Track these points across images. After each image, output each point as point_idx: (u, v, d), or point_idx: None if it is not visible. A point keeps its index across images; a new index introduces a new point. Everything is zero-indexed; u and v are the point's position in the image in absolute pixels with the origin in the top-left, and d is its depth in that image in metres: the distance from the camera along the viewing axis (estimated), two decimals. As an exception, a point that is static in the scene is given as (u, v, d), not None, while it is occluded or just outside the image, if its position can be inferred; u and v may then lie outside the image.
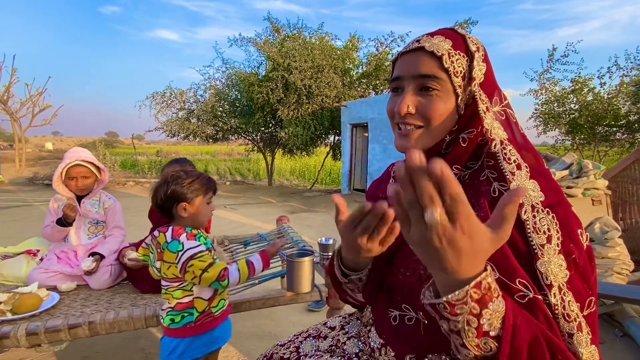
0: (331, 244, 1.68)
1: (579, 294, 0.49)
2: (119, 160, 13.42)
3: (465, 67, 0.58)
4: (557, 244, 0.49)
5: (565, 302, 0.48)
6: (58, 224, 1.66)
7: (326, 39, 9.57)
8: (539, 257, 0.50)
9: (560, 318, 0.48)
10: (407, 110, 0.59)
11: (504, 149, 0.57)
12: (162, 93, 10.25)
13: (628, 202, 3.21)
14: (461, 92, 0.58)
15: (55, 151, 21.70)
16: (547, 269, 0.49)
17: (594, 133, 8.02)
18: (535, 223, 0.51)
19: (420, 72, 0.58)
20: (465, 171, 0.63)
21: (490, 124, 0.58)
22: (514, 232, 0.50)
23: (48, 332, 1.18)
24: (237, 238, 2.38)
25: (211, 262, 1.11)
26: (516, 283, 0.49)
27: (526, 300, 0.48)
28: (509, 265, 0.49)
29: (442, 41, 0.58)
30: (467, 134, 0.60)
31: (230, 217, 5.55)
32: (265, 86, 8.61)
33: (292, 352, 0.80)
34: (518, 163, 0.56)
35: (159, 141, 46.24)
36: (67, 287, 1.55)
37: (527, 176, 0.55)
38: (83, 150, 1.77)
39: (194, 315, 1.15)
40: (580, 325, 0.48)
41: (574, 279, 0.49)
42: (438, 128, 0.60)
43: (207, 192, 1.19)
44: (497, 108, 0.61)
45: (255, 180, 13.54)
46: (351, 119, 8.51)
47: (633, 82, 7.46)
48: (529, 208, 0.52)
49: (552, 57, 8.01)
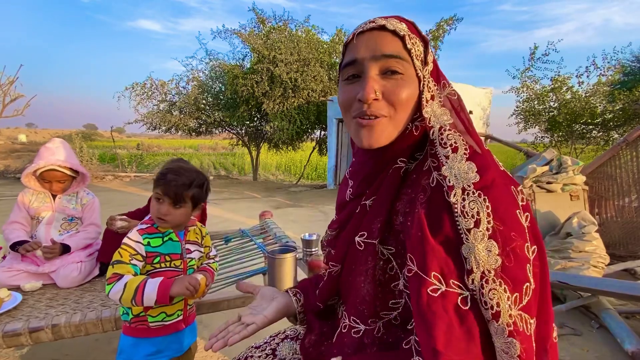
0: (315, 239, 1.64)
1: (515, 281, 0.46)
2: (97, 153, 12.95)
3: (422, 52, 0.56)
4: (487, 228, 0.46)
5: (485, 290, 0.46)
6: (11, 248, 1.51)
7: (312, 32, 9.45)
8: (463, 242, 0.47)
9: (481, 306, 0.47)
10: (375, 96, 0.54)
11: (441, 135, 0.54)
12: (143, 84, 9.90)
13: (604, 198, 3.31)
14: (422, 76, 0.56)
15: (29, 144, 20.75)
16: (471, 254, 0.46)
17: (571, 131, 8.26)
18: (464, 207, 0.48)
19: (384, 51, 0.54)
20: (412, 163, 0.60)
21: (431, 112, 0.56)
22: (444, 217, 0.49)
23: (7, 337, 1.09)
24: (218, 234, 2.31)
25: (120, 260, 1.00)
26: (430, 277, 0.48)
27: (439, 294, 0.47)
28: (424, 258, 0.48)
29: (399, 23, 0.56)
30: (420, 121, 0.58)
31: (213, 212, 5.43)
32: (250, 79, 8.44)
33: (268, 355, 0.75)
34: (454, 147, 0.53)
35: (140, 134, 45.03)
36: (31, 286, 1.45)
37: (464, 158, 0.52)
38: (61, 148, 1.63)
39: (129, 316, 1.09)
40: (497, 314, 0.45)
41: (508, 266, 0.46)
42: (403, 115, 0.56)
43: (155, 188, 1.07)
44: (446, 91, 0.59)
45: (239, 175, 13.36)
46: (337, 114, 8.46)
47: (609, 81, 7.72)
48: (459, 191, 0.49)
49: (533, 56, 8.18)
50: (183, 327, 1.16)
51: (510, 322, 0.45)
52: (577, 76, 7.96)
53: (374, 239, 0.59)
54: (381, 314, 0.60)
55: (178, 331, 1.14)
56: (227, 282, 1.57)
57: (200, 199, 1.12)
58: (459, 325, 0.47)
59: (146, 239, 1.06)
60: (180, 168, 1.09)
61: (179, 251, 1.12)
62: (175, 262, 1.11)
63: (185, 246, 1.14)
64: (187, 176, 1.08)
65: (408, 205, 0.57)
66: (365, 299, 0.61)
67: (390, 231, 0.59)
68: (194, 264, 1.18)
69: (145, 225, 1.09)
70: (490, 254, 0.46)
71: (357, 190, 0.65)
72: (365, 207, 0.62)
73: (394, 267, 0.59)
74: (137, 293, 0.97)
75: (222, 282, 1.56)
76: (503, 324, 0.45)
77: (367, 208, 0.62)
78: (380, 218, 0.59)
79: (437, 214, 0.50)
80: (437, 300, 0.47)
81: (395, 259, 0.59)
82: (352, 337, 0.62)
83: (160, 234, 1.10)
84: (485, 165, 0.51)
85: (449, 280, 0.48)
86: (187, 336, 1.19)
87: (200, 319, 2.09)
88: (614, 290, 1.93)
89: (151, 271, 1.08)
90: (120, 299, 0.97)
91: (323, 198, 7.22)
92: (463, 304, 0.47)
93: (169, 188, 1.04)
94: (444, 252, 0.48)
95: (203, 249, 1.22)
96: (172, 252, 1.10)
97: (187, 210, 1.10)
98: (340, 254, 0.66)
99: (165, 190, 1.05)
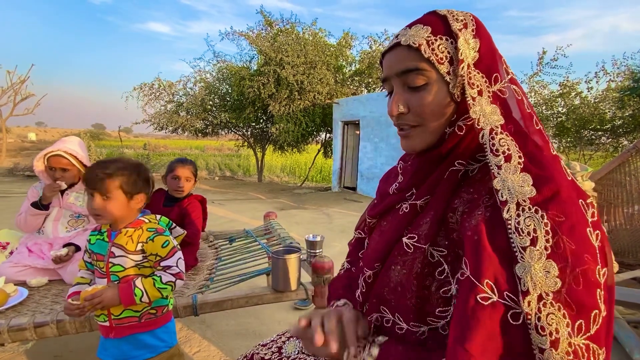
0: (319, 240, 1.63)
1: (581, 308, 0.42)
2: (105, 152, 13.11)
3: (451, 50, 0.53)
4: (546, 247, 0.43)
5: (542, 314, 0.42)
6: (33, 206, 1.57)
7: (320, 35, 9.49)
8: (518, 261, 0.44)
9: (532, 329, 0.42)
10: (399, 110, 0.57)
11: (492, 139, 0.50)
12: (151, 84, 10.02)
13: (613, 205, 3.26)
14: (451, 77, 0.54)
15: (39, 142, 21.08)
16: (527, 274, 0.43)
17: (580, 137, 8.18)
18: (518, 223, 0.45)
19: (401, 68, 0.56)
20: (474, 165, 0.56)
21: (480, 111, 0.51)
22: (500, 230, 0.46)
23: (12, 331, 1.10)
24: (223, 234, 2.32)
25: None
26: (483, 284, 0.44)
27: (489, 303, 0.44)
28: (479, 265, 0.45)
29: (420, 30, 0.54)
30: (464, 121, 0.55)
31: (218, 213, 5.45)
32: (256, 80, 8.49)
33: (273, 353, 0.76)
34: (508, 154, 0.49)
35: (147, 134, 45.45)
36: (37, 282, 1.46)
37: (518, 169, 0.48)
38: (72, 141, 1.67)
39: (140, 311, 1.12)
40: (556, 342, 0.41)
41: (575, 290, 0.42)
42: (434, 122, 0.56)
43: None
44: (498, 86, 0.54)
45: (244, 176, 13.41)
46: (343, 117, 8.47)
47: (618, 87, 7.63)
48: (514, 206, 0.45)
49: (542, 61, 8.13)
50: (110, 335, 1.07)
51: (570, 350, 0.41)
52: (586, 82, 7.90)
53: (425, 242, 0.56)
54: (428, 319, 0.56)
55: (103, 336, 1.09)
56: (230, 282, 1.57)
57: (134, 188, 1.06)
58: (500, 337, 0.43)
59: (90, 236, 1.09)
60: (108, 160, 1.07)
61: (105, 253, 1.05)
62: (99, 263, 1.06)
63: (111, 249, 1.05)
64: (111, 166, 1.03)
65: (467, 204, 0.54)
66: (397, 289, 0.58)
67: (443, 230, 0.56)
68: (119, 270, 1.04)
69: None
70: (548, 275, 0.42)
71: (403, 186, 0.64)
72: (416, 207, 0.60)
73: (445, 270, 0.54)
74: None
75: (225, 282, 1.56)
76: (562, 352, 0.41)
77: (418, 208, 0.60)
78: (433, 217, 0.56)
79: (497, 222, 0.47)
80: (486, 308, 0.44)
81: (446, 261, 0.54)
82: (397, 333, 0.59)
83: (98, 232, 1.10)
84: (545, 176, 0.47)
85: (503, 291, 0.44)
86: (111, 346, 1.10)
87: (203, 319, 2.10)
88: (623, 298, 1.89)
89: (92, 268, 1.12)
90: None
91: (327, 201, 7.21)
92: (513, 319, 0.44)
93: (92, 180, 1.01)
94: (500, 262, 0.45)
95: (135, 256, 1.05)
96: (98, 252, 1.06)
97: (118, 203, 1.03)
98: (382, 252, 0.62)
99: (90, 184, 1.01)
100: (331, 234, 4.25)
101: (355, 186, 8.47)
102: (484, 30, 0.56)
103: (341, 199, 7.35)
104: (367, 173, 7.76)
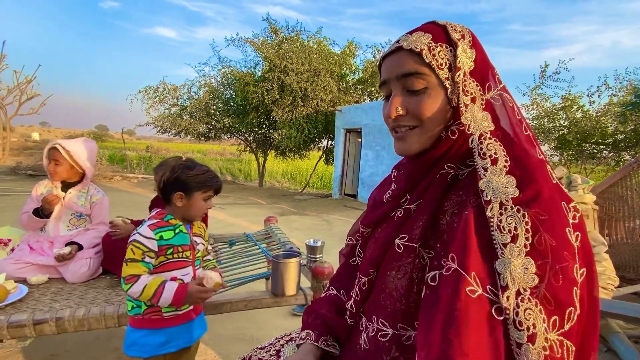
0: (319, 245, 1.64)
1: (558, 304, 0.43)
2: (107, 154, 13.16)
3: (450, 58, 0.56)
4: (525, 244, 0.44)
5: (520, 309, 0.43)
6: (34, 214, 1.59)
7: (324, 43, 9.60)
8: (498, 257, 0.46)
9: (511, 324, 0.44)
10: (397, 113, 0.59)
11: (480, 144, 0.53)
12: (155, 88, 10.10)
13: (614, 219, 3.25)
14: (450, 83, 0.56)
15: (42, 142, 21.16)
16: (506, 269, 0.44)
17: (581, 150, 8.18)
18: (500, 221, 0.47)
19: (402, 71, 0.57)
20: (464, 169, 0.59)
21: (472, 118, 0.54)
22: (485, 228, 0.48)
23: (11, 327, 1.11)
24: (223, 237, 2.32)
25: (133, 258, 1.05)
26: (470, 276, 0.46)
27: (475, 297, 0.45)
28: (465, 258, 0.47)
29: (421, 36, 0.57)
30: (457, 126, 0.57)
31: (218, 217, 5.45)
32: (260, 86, 8.56)
33: (272, 356, 0.76)
34: (494, 158, 0.51)
35: (150, 137, 45.59)
36: (37, 279, 1.46)
37: (504, 171, 0.50)
38: (77, 140, 1.71)
39: (142, 308, 1.11)
40: (533, 337, 0.42)
41: (553, 286, 0.43)
42: (432, 125, 0.58)
43: (207, 189, 1.16)
44: (490, 94, 0.57)
45: (246, 181, 13.42)
46: (345, 124, 8.51)
47: (621, 102, 7.66)
48: (497, 205, 0.48)
49: (544, 73, 8.18)
50: (193, 316, 1.20)
51: (547, 346, 0.42)
52: (588, 95, 7.93)
53: (416, 241, 0.58)
54: (415, 323, 0.57)
55: (189, 321, 1.18)
56: (230, 285, 1.56)
57: None
58: (488, 334, 0.44)
59: (158, 233, 1.10)
60: (206, 165, 1.22)
61: (189, 242, 1.18)
62: (186, 252, 1.16)
63: (193, 238, 1.21)
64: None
65: (457, 206, 0.56)
66: (392, 294, 0.59)
67: (434, 231, 0.57)
68: (200, 255, 1.25)
69: (155, 220, 1.13)
70: (526, 271, 0.44)
71: (397, 193, 0.65)
72: (409, 211, 0.62)
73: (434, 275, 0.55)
74: (155, 295, 1.04)
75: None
76: (539, 347, 0.42)
77: (412, 212, 0.61)
78: (424, 218, 0.58)
79: (482, 221, 0.49)
80: (475, 302, 0.45)
81: (432, 263, 0.55)
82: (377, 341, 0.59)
83: (172, 226, 1.14)
84: (528, 179, 0.49)
85: (486, 285, 0.46)
86: (197, 327, 1.22)
87: (201, 322, 2.09)
88: (624, 313, 1.88)
89: (164, 262, 1.12)
90: (138, 297, 1.04)
91: (327, 207, 7.21)
92: (497, 314, 0.45)
93: (217, 184, 1.19)
94: (482, 258, 0.47)
95: (205, 242, 1.28)
96: (183, 243, 1.15)
97: None
98: (377, 258, 0.63)
99: (219, 190, 1.20)
100: (331, 241, 4.23)
101: (355, 193, 8.48)
102: (478, 42, 0.59)
103: (341, 206, 7.35)
104: (368, 180, 7.77)
